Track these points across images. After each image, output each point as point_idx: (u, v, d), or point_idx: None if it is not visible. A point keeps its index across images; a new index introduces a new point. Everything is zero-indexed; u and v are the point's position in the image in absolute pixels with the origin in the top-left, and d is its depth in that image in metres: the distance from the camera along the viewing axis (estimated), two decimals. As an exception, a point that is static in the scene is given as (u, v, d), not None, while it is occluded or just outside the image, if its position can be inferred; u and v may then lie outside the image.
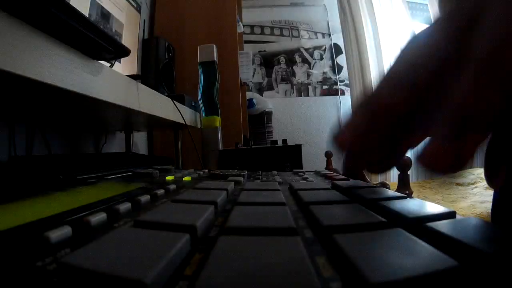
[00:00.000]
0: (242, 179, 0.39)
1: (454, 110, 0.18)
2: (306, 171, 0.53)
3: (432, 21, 0.23)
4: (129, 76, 0.56)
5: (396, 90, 0.23)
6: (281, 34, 3.06)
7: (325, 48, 3.07)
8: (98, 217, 0.18)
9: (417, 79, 0.21)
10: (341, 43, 2.96)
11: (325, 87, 3.03)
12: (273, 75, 3.02)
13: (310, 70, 3.04)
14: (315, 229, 0.17)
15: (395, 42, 2.66)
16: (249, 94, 2.49)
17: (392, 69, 0.25)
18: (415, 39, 0.24)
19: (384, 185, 0.73)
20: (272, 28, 3.06)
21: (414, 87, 0.22)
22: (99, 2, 0.83)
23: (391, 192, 0.27)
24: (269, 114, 2.60)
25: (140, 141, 1.24)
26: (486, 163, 0.28)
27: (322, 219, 0.17)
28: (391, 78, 0.25)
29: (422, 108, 0.22)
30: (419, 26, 2.72)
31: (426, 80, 0.21)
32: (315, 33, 3.09)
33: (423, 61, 0.21)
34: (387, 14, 2.69)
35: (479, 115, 0.17)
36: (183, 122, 0.83)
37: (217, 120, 0.93)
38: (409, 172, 0.87)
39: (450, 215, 0.19)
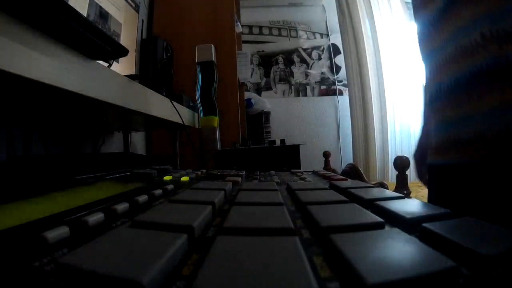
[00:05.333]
0: (240, 179, 0.39)
1: None
2: (304, 171, 0.53)
3: None
4: (127, 76, 0.56)
5: None
6: (280, 34, 3.06)
7: (323, 48, 3.07)
8: (96, 217, 0.18)
9: None
10: (339, 43, 2.95)
11: (323, 87, 3.03)
12: (271, 75, 3.02)
13: (308, 70, 3.04)
14: (313, 230, 0.17)
15: (394, 42, 2.67)
16: (247, 94, 2.48)
17: None
18: None
19: (382, 185, 0.73)
20: (270, 28, 3.06)
21: None
22: (97, 1, 0.83)
23: (389, 192, 0.27)
24: (267, 114, 2.60)
25: (138, 141, 1.23)
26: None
27: (319, 219, 0.17)
28: None
29: None
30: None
31: None
32: (313, 33, 3.09)
33: None
34: (386, 14, 2.70)
35: None
36: (181, 122, 0.82)
37: (215, 120, 0.93)
38: (407, 172, 0.87)
39: (448, 215, 0.19)
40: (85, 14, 0.75)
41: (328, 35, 3.07)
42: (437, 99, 0.50)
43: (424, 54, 0.54)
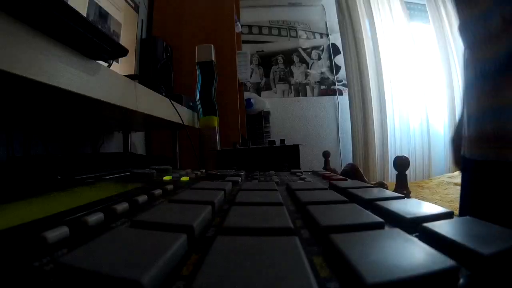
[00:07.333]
0: (239, 179, 0.39)
1: None
2: (303, 171, 0.53)
3: None
4: (127, 76, 0.56)
5: None
6: (279, 34, 3.06)
7: (323, 48, 3.07)
8: (96, 217, 0.18)
9: None
10: (339, 43, 2.96)
11: (323, 87, 3.03)
12: (271, 75, 3.02)
13: (308, 70, 3.04)
14: (313, 229, 0.17)
15: (393, 42, 2.67)
16: (247, 94, 2.48)
17: None
18: None
19: (382, 185, 0.73)
20: (270, 28, 3.06)
21: None
22: (97, 1, 0.83)
23: (389, 192, 0.27)
24: (267, 114, 2.60)
25: (138, 141, 1.23)
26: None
27: (319, 219, 0.17)
28: None
29: None
30: (417, 26, 2.73)
31: None
32: (313, 33, 3.09)
33: None
34: (385, 14, 2.70)
35: None
36: (181, 122, 0.82)
37: (215, 120, 0.93)
38: (407, 172, 0.87)
39: (448, 215, 0.19)
40: (84, 14, 0.75)
41: (327, 35, 3.07)
42: (478, 81, 0.44)
43: (463, 20, 0.47)
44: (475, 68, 0.44)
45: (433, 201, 1.51)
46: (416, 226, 0.17)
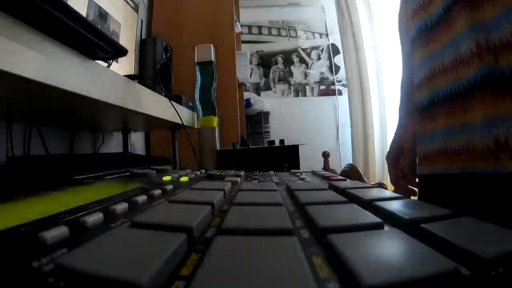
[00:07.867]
0: (239, 179, 0.39)
1: None
2: (303, 172, 0.53)
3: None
4: (127, 76, 0.56)
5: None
6: (279, 34, 3.06)
7: (323, 48, 3.07)
8: (95, 218, 0.18)
9: None
10: (338, 43, 2.96)
11: (322, 87, 3.03)
12: (271, 75, 3.02)
13: (308, 70, 3.04)
14: (312, 230, 0.17)
15: (393, 42, 2.67)
16: (246, 94, 2.48)
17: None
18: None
19: (381, 185, 0.73)
20: (269, 28, 3.06)
21: None
22: (97, 1, 0.83)
23: (388, 193, 0.27)
24: (266, 114, 2.61)
25: (137, 141, 1.23)
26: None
27: (318, 220, 0.17)
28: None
29: None
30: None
31: None
32: (313, 33, 3.09)
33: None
34: (385, 14, 2.70)
35: None
36: (181, 122, 0.82)
37: (215, 120, 0.93)
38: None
39: (447, 216, 0.19)
40: (84, 14, 0.75)
41: (327, 35, 3.07)
42: (430, 107, 0.50)
43: (419, 56, 0.53)
44: (434, 93, 0.49)
45: (433, 201, 1.50)
46: (415, 227, 0.17)
